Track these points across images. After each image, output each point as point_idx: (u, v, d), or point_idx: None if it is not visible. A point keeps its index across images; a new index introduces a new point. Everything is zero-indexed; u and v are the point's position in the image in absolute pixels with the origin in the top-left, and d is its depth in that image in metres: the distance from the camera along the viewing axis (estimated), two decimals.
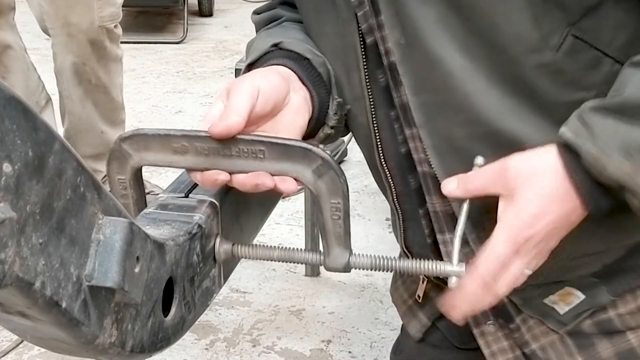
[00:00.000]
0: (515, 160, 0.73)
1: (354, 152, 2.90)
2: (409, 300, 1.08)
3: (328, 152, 0.71)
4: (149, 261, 0.59)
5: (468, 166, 0.77)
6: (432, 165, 0.82)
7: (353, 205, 0.72)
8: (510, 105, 0.77)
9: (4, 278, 0.42)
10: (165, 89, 3.81)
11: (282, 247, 0.77)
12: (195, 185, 0.79)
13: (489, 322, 0.91)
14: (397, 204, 0.93)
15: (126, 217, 0.55)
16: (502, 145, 0.77)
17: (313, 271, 2.06)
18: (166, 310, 0.65)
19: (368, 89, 0.86)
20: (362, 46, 0.84)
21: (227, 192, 0.78)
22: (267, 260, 0.76)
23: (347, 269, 0.75)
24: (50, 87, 2.40)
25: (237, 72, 1.73)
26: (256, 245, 0.77)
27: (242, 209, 0.83)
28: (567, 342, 0.88)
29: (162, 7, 5.13)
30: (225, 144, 0.71)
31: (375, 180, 0.99)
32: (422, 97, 0.80)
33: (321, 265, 0.75)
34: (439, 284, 1.01)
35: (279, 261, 0.77)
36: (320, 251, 0.75)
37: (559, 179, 0.72)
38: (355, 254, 0.74)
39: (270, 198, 0.97)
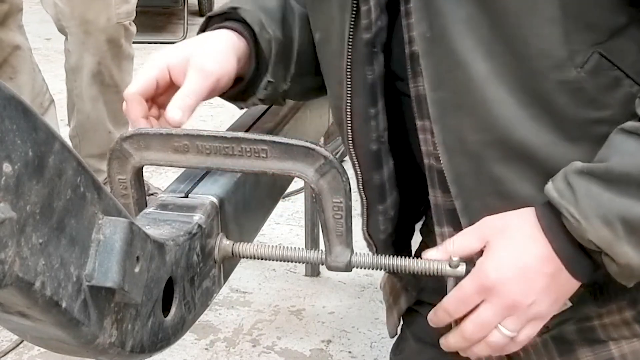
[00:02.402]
0: (491, 217, 0.77)
1: None
2: (390, 299, 1.11)
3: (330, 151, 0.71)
4: (149, 261, 0.59)
5: (476, 169, 0.78)
6: (441, 161, 0.82)
7: (353, 205, 0.72)
8: (527, 116, 0.77)
9: (4, 278, 0.42)
10: None
11: (283, 247, 0.77)
12: (195, 185, 0.79)
13: None
14: (362, 192, 0.94)
15: (126, 217, 0.55)
16: (513, 154, 0.77)
17: (313, 271, 2.06)
18: (166, 310, 0.65)
19: (348, 78, 0.86)
20: (351, 35, 0.84)
21: (227, 191, 0.78)
22: (268, 259, 0.76)
23: (348, 267, 0.75)
24: (51, 87, 2.40)
25: None
26: (256, 244, 0.77)
27: (242, 209, 0.83)
28: (550, 345, 0.88)
29: (162, 7, 5.14)
30: (228, 143, 0.71)
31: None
32: (440, 93, 0.80)
33: (322, 264, 0.75)
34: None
35: (279, 261, 0.77)
36: (321, 250, 0.75)
37: (537, 242, 0.75)
38: (356, 253, 0.74)
39: (270, 198, 0.97)
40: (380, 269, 0.76)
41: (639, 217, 0.70)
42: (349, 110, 0.88)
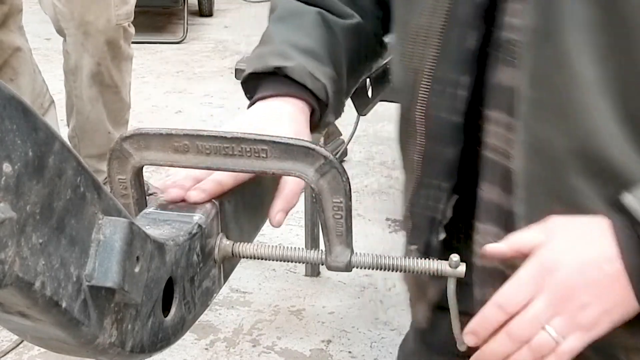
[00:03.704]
0: (559, 217, 0.73)
1: (354, 152, 2.90)
2: (414, 290, 1.02)
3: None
4: (149, 261, 0.59)
5: (553, 175, 0.75)
6: (513, 160, 0.77)
7: (353, 205, 0.71)
8: (623, 134, 0.72)
9: (4, 278, 0.42)
10: (165, 89, 3.81)
11: (283, 247, 0.77)
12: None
13: None
14: (416, 165, 0.87)
15: (126, 217, 0.55)
16: (596, 169, 0.74)
17: (313, 271, 2.06)
18: (166, 310, 0.65)
19: (440, 38, 0.80)
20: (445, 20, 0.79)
21: (227, 191, 0.78)
22: (268, 259, 0.76)
23: (348, 267, 0.74)
24: (51, 87, 2.40)
25: (237, 72, 1.73)
26: (256, 244, 0.77)
27: (242, 209, 0.83)
28: None
29: (162, 7, 5.14)
30: (228, 143, 0.71)
31: (400, 133, 0.93)
32: (537, 91, 0.75)
33: (322, 264, 0.75)
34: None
35: (279, 261, 0.77)
36: (321, 250, 0.75)
37: (604, 242, 0.70)
38: (356, 253, 0.74)
39: (270, 198, 0.97)
40: (380, 269, 0.75)
41: None
42: (431, 73, 0.82)
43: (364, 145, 2.99)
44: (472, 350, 0.76)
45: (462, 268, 0.73)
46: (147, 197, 0.79)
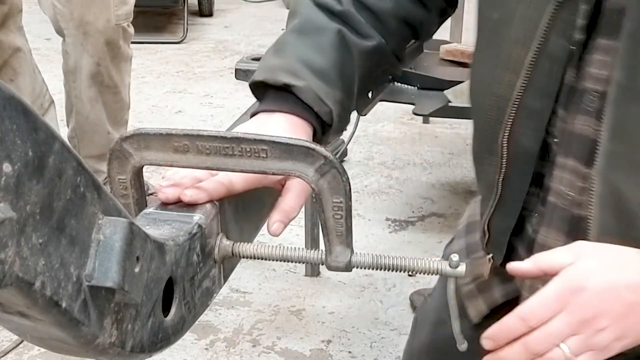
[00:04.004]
0: (586, 242, 0.76)
1: (354, 152, 2.90)
2: (473, 285, 1.05)
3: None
4: (149, 261, 0.59)
5: (625, 228, 0.76)
6: (583, 207, 0.80)
7: (353, 205, 0.71)
8: None
9: (4, 278, 0.42)
10: (165, 89, 3.81)
11: (283, 247, 0.77)
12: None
13: None
14: (499, 185, 0.90)
15: (126, 217, 0.55)
16: None
17: (313, 271, 2.06)
18: (166, 310, 0.65)
19: (528, 70, 0.82)
20: (548, 25, 0.79)
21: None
22: (268, 259, 0.76)
23: (348, 267, 0.74)
24: (50, 87, 2.40)
25: (237, 72, 1.73)
26: (256, 244, 0.77)
27: (242, 209, 0.83)
28: None
29: (162, 7, 5.14)
30: (228, 143, 0.71)
31: (475, 148, 0.96)
32: (618, 146, 0.76)
33: (322, 264, 0.75)
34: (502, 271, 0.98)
35: (279, 261, 0.77)
36: (321, 250, 0.75)
37: (631, 269, 0.72)
38: (356, 253, 0.74)
39: (270, 198, 0.97)
40: (380, 269, 0.75)
41: None
42: (516, 103, 0.84)
43: (364, 145, 2.99)
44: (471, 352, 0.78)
45: (462, 268, 0.73)
46: (147, 197, 0.79)
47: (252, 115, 0.90)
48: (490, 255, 0.97)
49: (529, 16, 0.82)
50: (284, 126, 0.85)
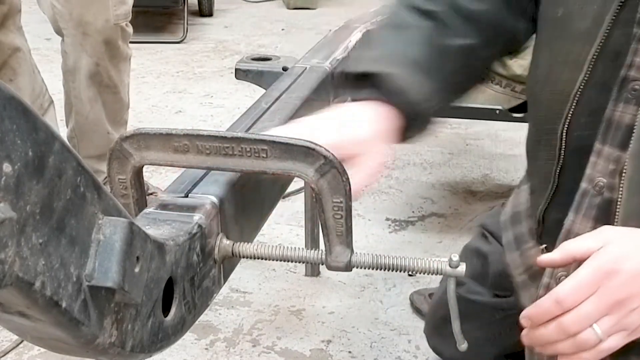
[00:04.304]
0: (613, 227, 0.79)
1: None
2: (524, 273, 1.09)
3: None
4: (149, 261, 0.59)
5: None
6: (620, 192, 0.81)
7: (353, 205, 0.71)
8: None
9: (4, 278, 0.42)
10: (165, 89, 3.81)
11: (283, 247, 0.77)
12: (195, 185, 0.79)
13: None
14: (556, 175, 0.93)
15: (126, 217, 0.55)
16: None
17: (313, 271, 2.06)
18: (166, 310, 0.65)
19: (590, 65, 0.85)
20: (612, 19, 0.83)
21: (227, 191, 0.78)
22: (268, 259, 0.76)
23: (348, 267, 0.75)
24: (50, 87, 2.39)
25: (237, 72, 1.73)
26: (256, 244, 0.77)
27: (242, 209, 0.83)
28: None
29: (162, 7, 5.13)
30: (228, 143, 0.71)
31: (530, 142, 0.99)
32: None
33: (322, 264, 0.75)
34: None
35: (279, 261, 0.77)
36: (321, 250, 0.75)
37: None
38: (356, 253, 0.74)
39: (270, 198, 0.97)
40: (380, 269, 0.75)
41: None
42: (577, 97, 0.87)
43: None
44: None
45: (462, 268, 0.73)
46: (147, 197, 0.79)
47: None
48: (544, 245, 1.00)
49: (594, 13, 0.84)
50: (369, 113, 0.87)
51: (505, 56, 1.84)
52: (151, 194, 2.10)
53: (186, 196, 0.77)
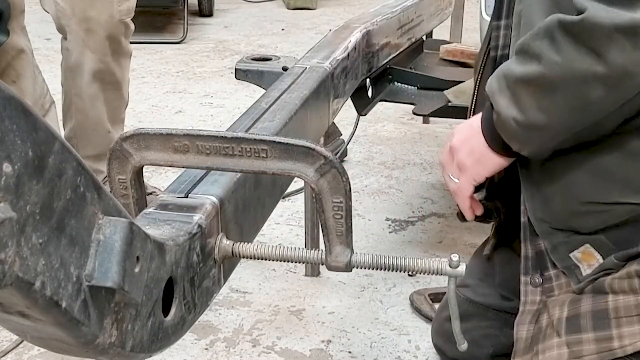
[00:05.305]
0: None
1: (354, 152, 2.90)
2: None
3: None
4: (149, 261, 0.58)
5: None
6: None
7: (353, 205, 0.71)
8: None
9: (4, 278, 0.42)
10: (165, 89, 3.81)
11: (283, 247, 0.77)
12: (195, 185, 0.78)
13: (534, 276, 1.05)
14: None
15: (126, 217, 0.55)
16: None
17: (313, 271, 2.06)
18: (166, 310, 0.65)
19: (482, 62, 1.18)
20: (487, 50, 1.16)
21: (227, 191, 0.78)
22: (268, 259, 0.76)
23: (348, 267, 0.74)
24: (51, 87, 2.39)
25: (237, 72, 1.73)
26: (256, 244, 0.77)
27: (242, 209, 0.83)
28: (574, 297, 0.97)
29: (162, 7, 5.13)
30: (228, 143, 0.71)
31: None
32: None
33: (322, 264, 0.75)
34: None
35: (279, 261, 0.77)
36: (321, 250, 0.75)
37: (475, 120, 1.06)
38: (356, 253, 0.74)
39: (270, 198, 0.97)
40: (380, 269, 0.76)
41: (513, 75, 0.90)
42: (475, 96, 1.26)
43: (364, 145, 2.98)
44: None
45: (462, 268, 0.73)
46: (147, 197, 0.79)
47: None
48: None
49: None
50: None
51: None
52: (150, 193, 2.10)
53: (186, 196, 0.77)
